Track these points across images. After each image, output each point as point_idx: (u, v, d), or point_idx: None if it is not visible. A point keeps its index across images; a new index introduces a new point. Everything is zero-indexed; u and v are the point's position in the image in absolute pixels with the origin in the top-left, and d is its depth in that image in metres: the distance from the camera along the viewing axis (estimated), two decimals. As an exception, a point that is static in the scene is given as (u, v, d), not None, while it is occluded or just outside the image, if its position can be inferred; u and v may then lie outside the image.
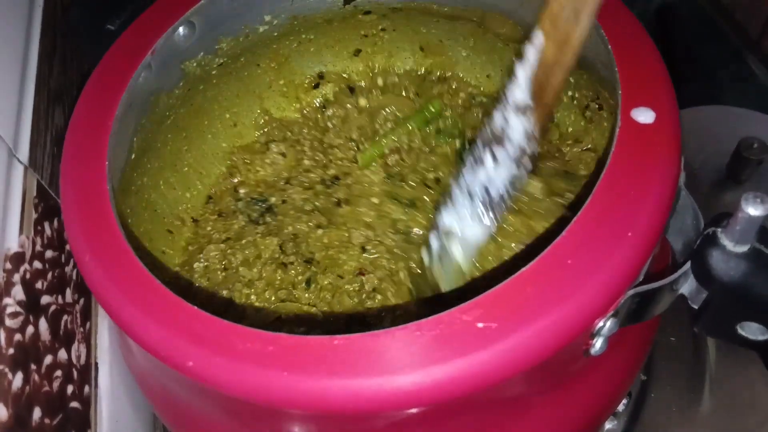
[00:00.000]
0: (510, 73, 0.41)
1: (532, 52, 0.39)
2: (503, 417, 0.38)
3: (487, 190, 0.42)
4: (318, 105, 0.64)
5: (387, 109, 0.60)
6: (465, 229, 0.43)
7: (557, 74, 0.39)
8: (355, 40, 0.62)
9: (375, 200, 0.55)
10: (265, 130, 0.62)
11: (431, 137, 0.58)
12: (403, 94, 0.62)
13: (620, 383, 0.43)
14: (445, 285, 0.45)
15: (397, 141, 0.58)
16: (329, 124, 0.62)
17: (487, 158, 0.42)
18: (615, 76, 0.40)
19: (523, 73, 0.40)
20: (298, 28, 0.58)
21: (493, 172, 0.42)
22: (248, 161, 0.60)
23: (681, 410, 0.56)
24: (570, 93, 0.55)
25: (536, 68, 0.40)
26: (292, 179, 0.58)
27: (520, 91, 0.41)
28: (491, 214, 0.43)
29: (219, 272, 0.52)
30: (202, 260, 0.53)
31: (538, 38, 0.39)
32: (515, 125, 0.41)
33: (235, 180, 0.59)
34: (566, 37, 0.38)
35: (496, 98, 0.43)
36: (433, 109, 0.59)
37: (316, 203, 0.56)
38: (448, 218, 0.44)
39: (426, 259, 0.46)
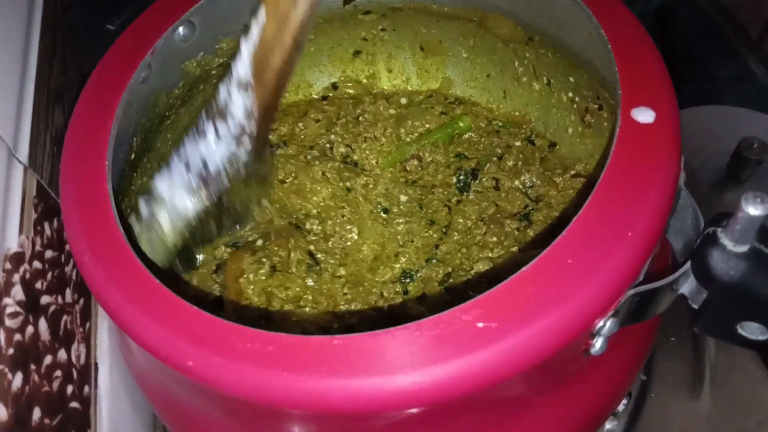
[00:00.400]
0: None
1: (255, 28, 0.39)
2: (503, 417, 0.38)
3: (205, 164, 0.42)
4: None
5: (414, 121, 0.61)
6: (175, 198, 0.43)
7: (276, 54, 0.39)
8: (355, 40, 0.62)
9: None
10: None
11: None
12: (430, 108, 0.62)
13: (620, 383, 0.43)
14: (152, 255, 0.44)
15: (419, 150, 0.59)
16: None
17: (210, 131, 0.42)
18: (615, 75, 0.40)
19: (246, 49, 0.40)
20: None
21: (213, 146, 0.42)
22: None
23: (681, 410, 0.56)
24: (570, 95, 0.55)
25: (258, 45, 0.39)
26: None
27: (242, 66, 0.40)
28: (205, 189, 0.43)
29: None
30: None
31: (261, 14, 0.39)
32: (237, 101, 0.41)
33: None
34: (285, 17, 0.37)
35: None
36: (462, 124, 0.60)
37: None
38: (161, 184, 0.44)
39: (135, 228, 0.44)
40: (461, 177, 0.56)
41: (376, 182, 0.57)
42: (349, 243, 0.54)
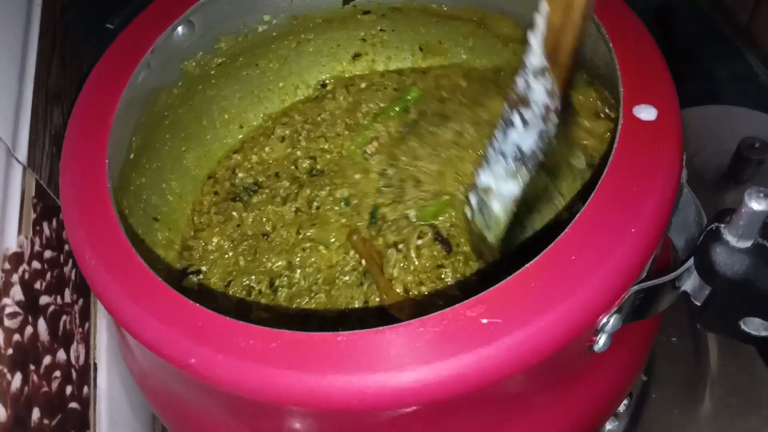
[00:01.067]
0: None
1: (540, 20, 0.41)
2: (506, 414, 0.37)
3: (519, 149, 0.44)
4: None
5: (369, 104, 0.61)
6: (500, 186, 0.45)
7: (568, 36, 0.40)
8: (354, 40, 0.62)
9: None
10: (265, 129, 0.62)
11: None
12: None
13: (622, 381, 0.43)
14: (489, 235, 0.47)
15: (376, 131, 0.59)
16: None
17: (516, 120, 0.44)
18: (616, 73, 0.40)
19: (535, 41, 0.42)
20: (298, 28, 0.58)
21: (523, 131, 0.44)
22: (249, 161, 0.60)
23: (682, 411, 0.56)
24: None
25: (546, 33, 0.41)
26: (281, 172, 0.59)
27: (534, 57, 0.42)
28: (524, 169, 0.45)
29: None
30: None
31: (543, 6, 0.40)
32: (536, 87, 0.43)
33: (236, 179, 0.59)
34: (569, 1, 0.39)
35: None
36: (412, 95, 0.59)
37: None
38: (485, 177, 0.46)
39: (468, 214, 0.48)
40: None
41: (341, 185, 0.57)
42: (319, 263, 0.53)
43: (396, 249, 0.50)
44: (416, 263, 0.49)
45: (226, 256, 0.53)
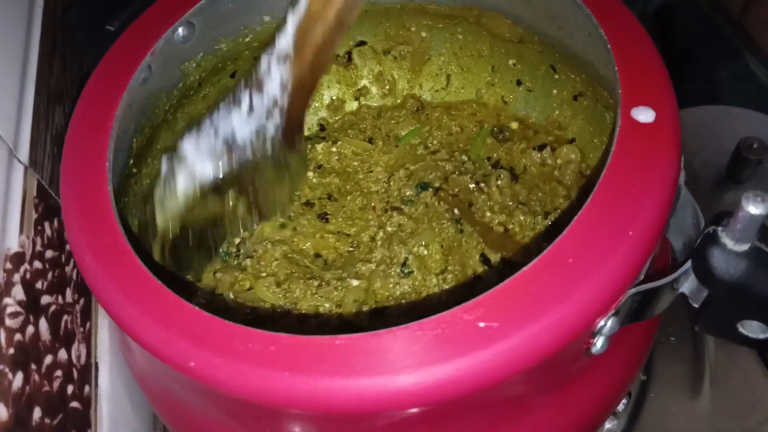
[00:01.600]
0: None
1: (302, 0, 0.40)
2: (504, 416, 0.38)
3: (233, 133, 0.42)
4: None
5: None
6: (196, 160, 0.43)
7: (318, 29, 0.40)
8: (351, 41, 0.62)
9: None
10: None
11: None
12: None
13: (621, 383, 0.43)
14: (159, 215, 0.44)
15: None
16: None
17: (245, 101, 0.42)
18: (615, 75, 0.40)
19: (291, 21, 0.41)
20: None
21: (246, 117, 0.42)
22: None
23: (681, 410, 0.56)
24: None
25: (303, 17, 0.40)
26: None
27: (285, 38, 0.41)
28: (227, 156, 0.43)
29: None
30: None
31: None
32: (274, 74, 0.41)
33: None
34: None
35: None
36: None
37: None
38: (187, 145, 0.44)
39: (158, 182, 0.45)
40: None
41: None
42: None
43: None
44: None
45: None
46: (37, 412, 0.42)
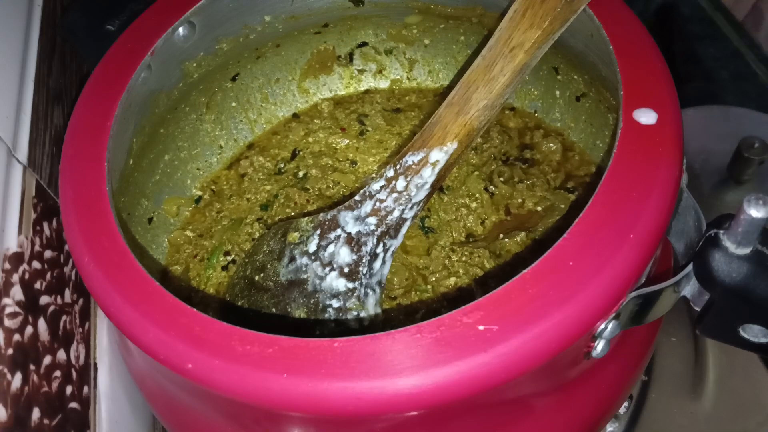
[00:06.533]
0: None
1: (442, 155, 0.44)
2: (504, 420, 0.37)
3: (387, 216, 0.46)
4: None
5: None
6: (354, 228, 0.46)
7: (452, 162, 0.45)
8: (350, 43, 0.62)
9: None
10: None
11: None
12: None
13: (622, 386, 0.43)
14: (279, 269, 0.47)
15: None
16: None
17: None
18: (617, 76, 0.40)
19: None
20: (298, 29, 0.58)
21: (392, 204, 0.46)
22: (249, 160, 0.60)
23: (682, 411, 0.56)
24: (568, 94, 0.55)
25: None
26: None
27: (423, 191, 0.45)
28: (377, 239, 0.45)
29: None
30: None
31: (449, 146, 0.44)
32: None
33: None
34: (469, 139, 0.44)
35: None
36: None
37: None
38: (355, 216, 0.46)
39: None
40: None
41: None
42: None
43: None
44: None
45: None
46: (36, 413, 0.42)
